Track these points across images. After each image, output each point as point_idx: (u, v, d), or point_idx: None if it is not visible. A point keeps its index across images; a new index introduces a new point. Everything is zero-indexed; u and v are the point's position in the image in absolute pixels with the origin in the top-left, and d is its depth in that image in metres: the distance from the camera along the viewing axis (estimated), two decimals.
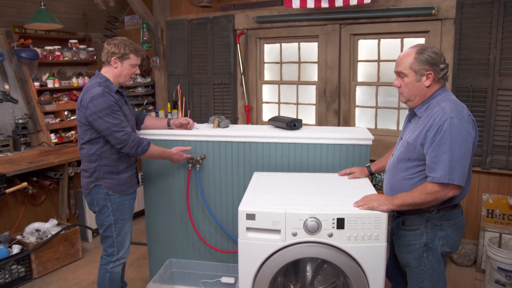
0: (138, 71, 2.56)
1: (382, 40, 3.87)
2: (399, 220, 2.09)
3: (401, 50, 3.75)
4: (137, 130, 2.80)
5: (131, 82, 2.62)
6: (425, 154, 1.91)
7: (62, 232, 3.55)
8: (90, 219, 4.10)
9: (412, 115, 2.09)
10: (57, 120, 4.33)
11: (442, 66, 1.93)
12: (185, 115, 4.73)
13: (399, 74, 2.00)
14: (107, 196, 2.51)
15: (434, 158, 1.85)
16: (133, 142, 2.40)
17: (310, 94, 4.33)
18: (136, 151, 2.43)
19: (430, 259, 2.00)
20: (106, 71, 2.48)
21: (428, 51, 1.92)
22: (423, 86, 1.94)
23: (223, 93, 4.56)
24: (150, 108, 5.10)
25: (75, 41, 4.74)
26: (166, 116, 4.80)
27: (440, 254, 2.01)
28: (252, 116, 4.55)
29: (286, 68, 4.44)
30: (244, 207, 2.03)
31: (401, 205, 1.94)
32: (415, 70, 1.93)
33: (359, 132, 2.76)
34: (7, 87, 4.09)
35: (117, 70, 2.46)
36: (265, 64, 4.52)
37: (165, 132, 2.85)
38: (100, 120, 2.34)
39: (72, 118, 4.44)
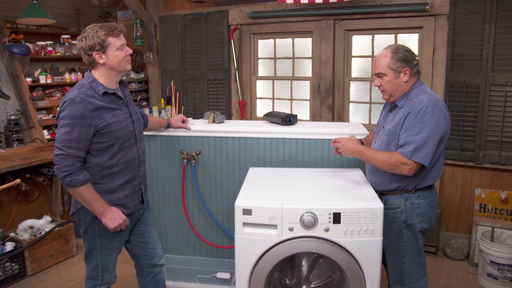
0: (130, 51, 2.12)
1: (376, 35, 3.88)
2: (381, 200, 2.16)
3: None
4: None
5: (130, 71, 2.18)
6: (400, 136, 2.10)
7: (56, 229, 3.53)
8: None
9: (393, 106, 2.25)
10: (50, 116, 4.30)
11: (415, 62, 2.14)
12: (179, 111, 4.72)
13: (378, 75, 2.18)
14: (95, 220, 2.14)
15: (405, 138, 2.04)
16: (65, 168, 1.95)
17: (304, 89, 4.33)
18: (63, 180, 1.98)
19: (409, 235, 2.17)
20: (96, 72, 2.08)
21: (401, 50, 2.12)
22: (402, 81, 2.14)
23: (217, 89, 4.55)
24: (144, 104, 5.08)
25: (68, 36, 4.69)
26: (159, 112, 4.78)
27: (418, 231, 2.17)
28: (246, 112, 4.54)
29: (280, 64, 4.44)
30: (240, 202, 2.03)
31: (362, 159, 2.19)
32: (393, 69, 2.12)
33: (354, 127, 2.77)
34: None
35: (106, 64, 2.05)
36: (259, 60, 4.52)
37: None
38: (57, 128, 2.01)
39: None
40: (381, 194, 2.24)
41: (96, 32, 2.00)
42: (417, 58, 2.16)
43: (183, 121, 2.81)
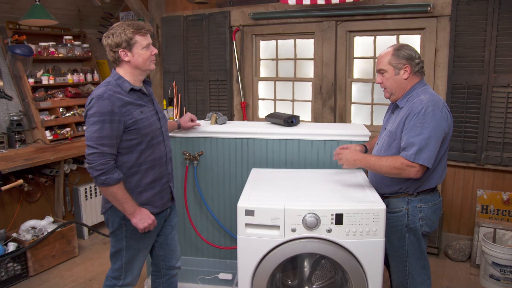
0: (155, 51, 2.12)
1: (378, 37, 3.88)
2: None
3: None
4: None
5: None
6: (401, 138, 2.09)
7: (58, 230, 3.54)
8: (86, 216, 4.09)
9: (395, 107, 2.25)
10: (52, 117, 4.31)
11: (417, 61, 2.13)
12: (181, 112, 4.73)
13: (379, 71, 2.20)
14: (123, 221, 2.13)
15: (407, 140, 2.03)
16: (99, 166, 1.94)
17: (306, 90, 4.33)
18: (98, 179, 1.96)
19: (411, 239, 2.16)
20: (121, 70, 2.09)
21: (404, 48, 2.14)
22: (401, 79, 2.14)
23: (219, 90, 4.56)
24: None
25: (70, 37, 4.71)
26: None
27: (420, 234, 2.16)
28: (248, 113, 4.55)
29: (282, 65, 4.44)
30: (243, 203, 2.04)
31: (366, 167, 2.16)
32: (393, 65, 2.14)
33: (356, 128, 2.78)
34: (1, 83, 4.05)
35: (131, 62, 2.05)
36: (261, 61, 4.52)
37: None
38: (86, 127, 2.00)
39: (67, 115, 4.42)
40: (383, 197, 2.21)
41: (123, 30, 2.01)
42: (420, 57, 2.15)
43: (192, 120, 2.78)
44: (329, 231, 1.96)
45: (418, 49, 3.65)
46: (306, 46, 4.25)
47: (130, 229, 2.14)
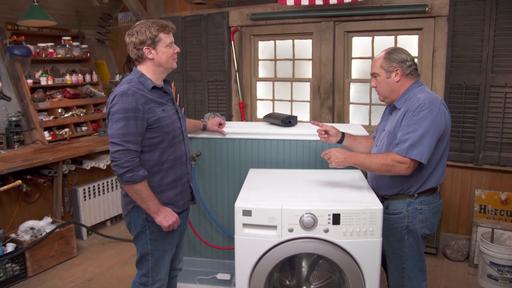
0: (177, 49, 2.12)
1: (376, 37, 3.89)
2: (383, 205, 2.16)
3: None
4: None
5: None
6: (397, 135, 2.08)
7: (56, 230, 3.54)
8: (85, 216, 4.09)
9: (393, 108, 2.24)
10: (51, 117, 4.31)
11: (408, 63, 2.14)
12: None
13: (373, 75, 2.21)
14: (146, 222, 2.11)
15: (401, 136, 2.04)
16: (125, 163, 1.91)
17: (304, 91, 4.34)
18: (123, 177, 1.93)
19: (411, 241, 2.15)
20: (143, 67, 2.09)
21: (396, 51, 2.15)
22: (393, 82, 2.15)
23: (218, 90, 4.56)
24: None
25: (68, 38, 4.71)
26: None
27: (419, 237, 2.15)
28: (246, 113, 4.55)
29: (281, 65, 4.45)
30: (240, 203, 2.04)
31: (357, 165, 2.12)
32: (385, 68, 2.15)
33: (354, 128, 2.78)
34: None
35: (155, 60, 2.06)
36: (259, 61, 4.53)
37: None
38: (110, 124, 1.97)
39: (65, 115, 4.42)
40: (383, 198, 2.21)
41: (148, 27, 2.02)
42: (412, 59, 2.15)
43: (220, 125, 2.76)
44: (326, 231, 1.97)
45: (416, 49, 3.67)
46: (304, 46, 4.26)
47: (154, 231, 2.13)
